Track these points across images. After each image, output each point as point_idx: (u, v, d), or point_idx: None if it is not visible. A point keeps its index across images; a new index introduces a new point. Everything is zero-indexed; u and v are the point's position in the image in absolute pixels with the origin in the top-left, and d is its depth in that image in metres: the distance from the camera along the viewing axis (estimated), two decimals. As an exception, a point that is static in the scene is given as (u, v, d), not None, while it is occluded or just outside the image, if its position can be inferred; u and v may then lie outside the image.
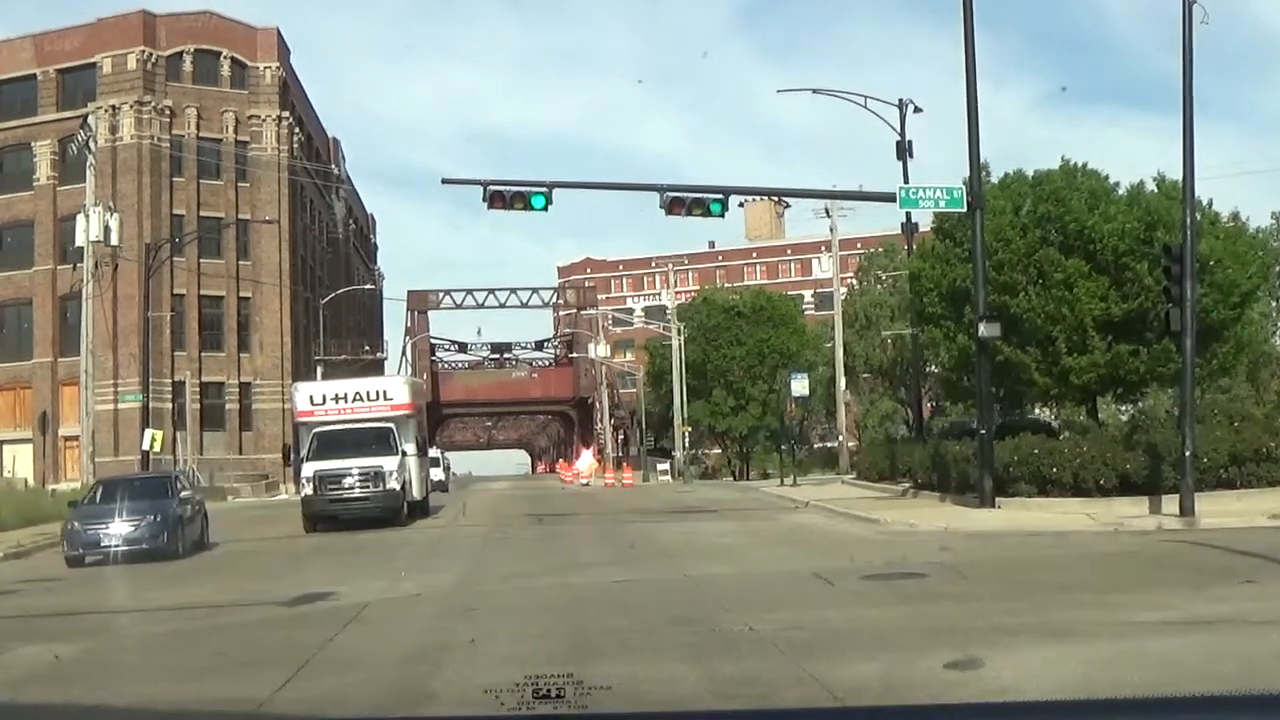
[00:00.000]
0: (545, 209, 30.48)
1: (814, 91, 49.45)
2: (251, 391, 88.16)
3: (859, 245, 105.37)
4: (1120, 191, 39.07)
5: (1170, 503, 28.00)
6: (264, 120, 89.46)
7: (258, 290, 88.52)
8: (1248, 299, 38.54)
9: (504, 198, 30.49)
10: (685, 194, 30.67)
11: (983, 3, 30.17)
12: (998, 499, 30.54)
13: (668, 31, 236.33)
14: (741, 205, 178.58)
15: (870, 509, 32.98)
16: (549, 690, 4.15)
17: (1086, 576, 17.64)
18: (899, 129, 48.37)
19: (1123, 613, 12.78)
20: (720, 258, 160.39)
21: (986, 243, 37.98)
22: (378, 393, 38.51)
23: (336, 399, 38.18)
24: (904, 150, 47.82)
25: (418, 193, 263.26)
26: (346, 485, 34.92)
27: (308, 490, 35.34)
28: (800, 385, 59.47)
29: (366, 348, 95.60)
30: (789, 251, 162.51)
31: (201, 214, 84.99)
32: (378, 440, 36.00)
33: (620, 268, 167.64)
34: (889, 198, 32.18)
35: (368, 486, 34.85)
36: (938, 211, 40.27)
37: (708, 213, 30.40)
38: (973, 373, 39.49)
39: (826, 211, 65.94)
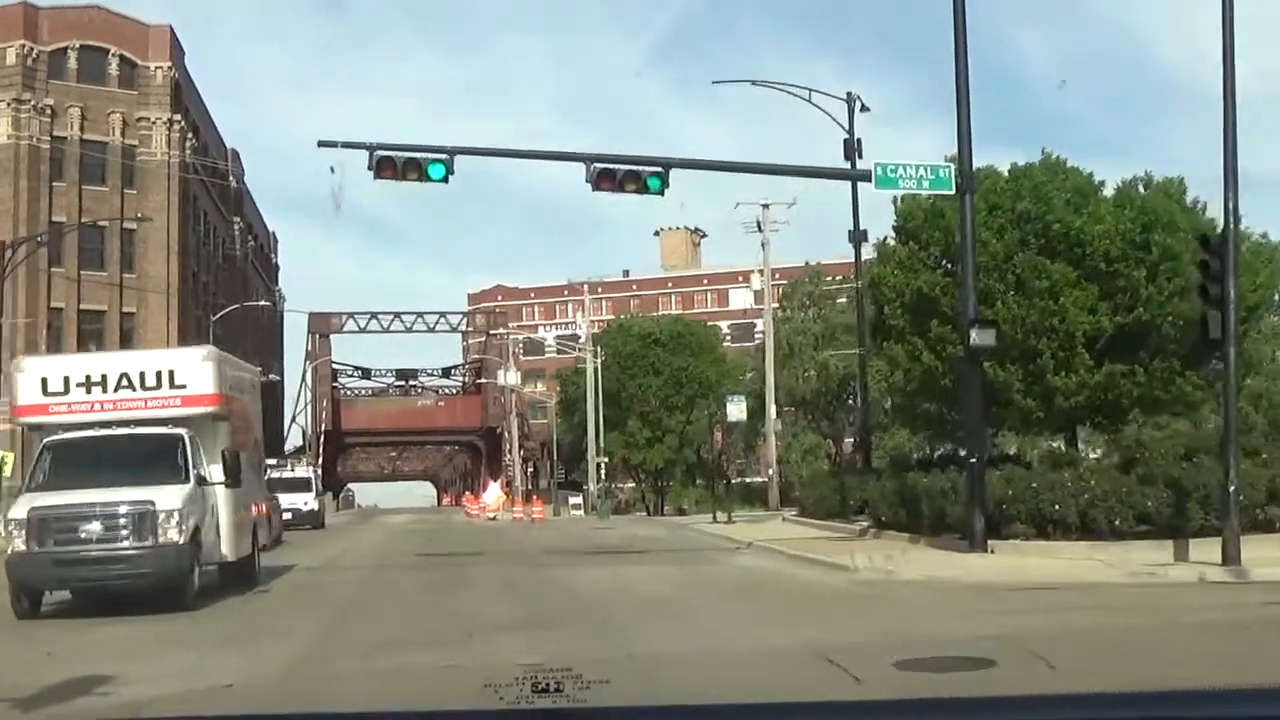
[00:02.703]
0: (445, 180, 24.98)
1: (753, 83, 44.44)
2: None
3: (777, 275, 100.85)
4: (1106, 192, 34.37)
5: (1201, 548, 23.16)
6: (154, 123, 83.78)
7: (143, 305, 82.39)
8: (1254, 313, 33.91)
9: (394, 165, 25.02)
10: (617, 165, 25.29)
11: (903, 49, 25.80)
12: (988, 541, 25.36)
13: (584, 65, 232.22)
14: (657, 234, 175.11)
15: (830, 552, 27.65)
16: (547, 684, 4.03)
17: (1240, 666, 12.27)
18: (847, 126, 43.42)
19: None
20: (635, 287, 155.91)
21: (959, 244, 33.13)
22: (160, 375, 23.20)
23: (88, 385, 23.29)
24: (853, 149, 42.88)
25: (330, 224, 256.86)
26: (85, 537, 20.59)
27: (18, 544, 20.69)
28: (737, 409, 54.28)
29: (260, 369, 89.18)
30: (705, 281, 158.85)
31: (84, 221, 78.66)
32: (153, 457, 21.96)
33: (532, 295, 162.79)
34: (863, 176, 26.90)
35: (125, 539, 20.42)
36: (900, 210, 35.57)
37: (644, 188, 24.98)
38: (938, 395, 34.70)
39: (758, 225, 60.77)
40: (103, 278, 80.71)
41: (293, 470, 65.34)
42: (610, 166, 25.20)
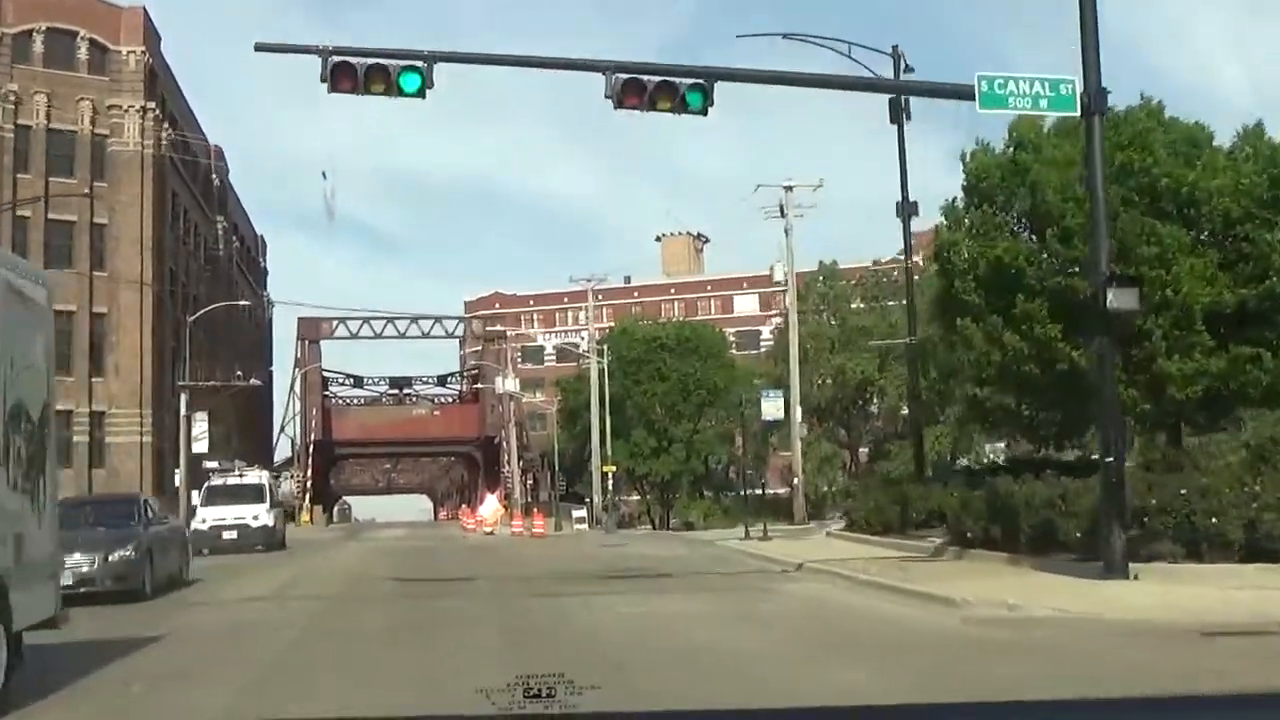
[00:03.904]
0: (421, 94, 19.25)
1: (784, 36, 38.64)
2: (105, 422, 76.51)
3: (785, 284, 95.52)
4: (1218, 143, 28.76)
5: None
6: (126, 111, 78.57)
7: (115, 305, 76.98)
8: None
9: (353, 75, 19.35)
10: (647, 75, 19.48)
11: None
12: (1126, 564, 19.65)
13: (581, 77, 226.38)
14: (659, 240, 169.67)
15: (913, 578, 21.73)
16: (540, 690, 4.02)
17: None
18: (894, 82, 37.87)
19: None
20: (637, 294, 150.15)
21: (1050, 202, 27.62)
22: None
23: None
24: (900, 109, 37.46)
25: (324, 235, 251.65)
26: None
27: None
28: (773, 406, 48.45)
29: (239, 373, 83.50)
30: (709, 287, 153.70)
31: (50, 216, 73.37)
32: None
33: (531, 302, 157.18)
34: (963, 93, 21.11)
35: None
36: (970, 168, 30.08)
37: (682, 106, 19.22)
38: (1020, 386, 29.10)
39: (781, 210, 55.24)
40: (71, 277, 75.16)
41: (240, 475, 51.42)
42: (638, 77, 19.42)
